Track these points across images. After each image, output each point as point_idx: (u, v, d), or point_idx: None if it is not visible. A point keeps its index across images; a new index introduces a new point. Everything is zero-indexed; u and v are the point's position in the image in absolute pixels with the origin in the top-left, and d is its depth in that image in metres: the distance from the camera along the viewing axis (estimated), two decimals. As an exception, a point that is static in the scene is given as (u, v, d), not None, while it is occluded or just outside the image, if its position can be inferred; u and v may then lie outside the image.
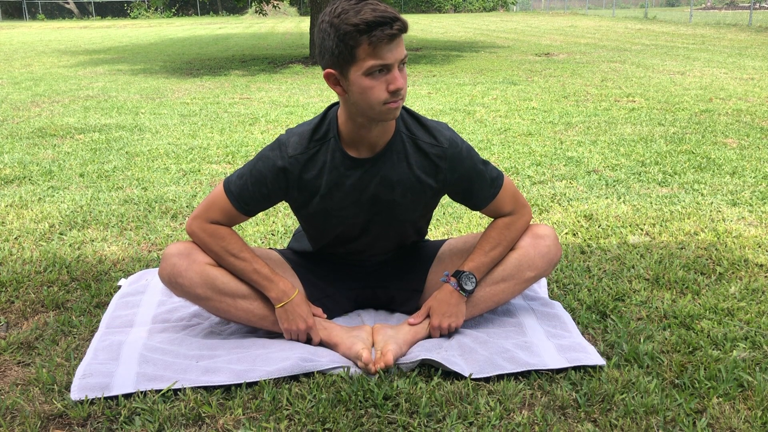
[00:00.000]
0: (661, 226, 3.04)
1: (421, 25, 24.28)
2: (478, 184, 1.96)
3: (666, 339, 2.02)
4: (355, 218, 1.97)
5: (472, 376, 1.82)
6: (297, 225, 2.99)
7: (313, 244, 2.13)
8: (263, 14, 14.16)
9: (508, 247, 2.03)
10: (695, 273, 2.52)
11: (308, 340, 1.99)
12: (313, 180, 1.89)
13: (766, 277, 2.49)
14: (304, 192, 1.92)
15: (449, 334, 2.03)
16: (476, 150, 2.11)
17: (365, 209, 1.95)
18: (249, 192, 1.90)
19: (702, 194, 3.49)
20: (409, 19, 31.94)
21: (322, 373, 1.85)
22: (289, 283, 1.97)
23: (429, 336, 2.02)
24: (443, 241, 2.20)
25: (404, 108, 1.94)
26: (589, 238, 2.90)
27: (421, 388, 1.78)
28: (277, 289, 1.94)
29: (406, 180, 1.91)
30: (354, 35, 1.65)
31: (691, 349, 1.96)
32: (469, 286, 1.98)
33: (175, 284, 1.95)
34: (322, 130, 1.89)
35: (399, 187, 1.92)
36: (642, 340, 2.01)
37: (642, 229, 3.01)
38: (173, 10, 42.05)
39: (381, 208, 1.95)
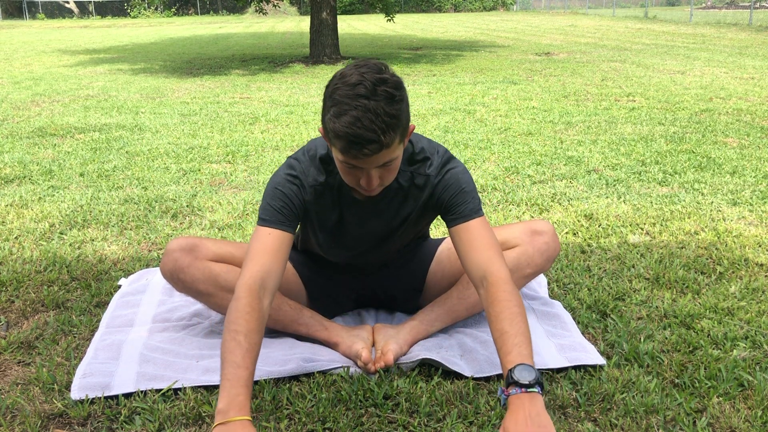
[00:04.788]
0: (662, 225, 3.04)
1: (421, 25, 24.27)
2: (460, 198, 1.83)
3: (666, 338, 2.02)
4: (356, 249, 1.99)
5: (473, 376, 1.82)
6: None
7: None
8: (263, 13, 14.13)
9: (520, 305, 1.65)
10: (695, 272, 2.52)
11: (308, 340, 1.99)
12: (320, 212, 1.88)
13: (766, 276, 2.49)
14: (310, 222, 1.91)
15: (449, 334, 2.03)
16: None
17: (366, 240, 1.97)
18: (280, 205, 1.77)
19: (702, 194, 3.49)
20: (409, 18, 31.59)
21: (322, 372, 1.85)
22: (246, 405, 1.48)
23: (429, 336, 2.02)
24: (442, 239, 2.20)
25: None
26: (590, 238, 2.90)
27: (421, 387, 1.78)
28: (224, 400, 1.48)
29: (404, 213, 1.91)
30: (330, 130, 1.58)
31: (691, 349, 1.96)
32: (527, 376, 1.49)
33: (176, 280, 1.95)
34: (330, 165, 1.83)
35: (398, 219, 1.92)
36: (642, 340, 2.01)
37: (642, 229, 3.01)
38: (173, 10, 42.04)
39: (382, 239, 1.97)
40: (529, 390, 1.46)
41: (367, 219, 1.90)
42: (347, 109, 1.54)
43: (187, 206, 3.39)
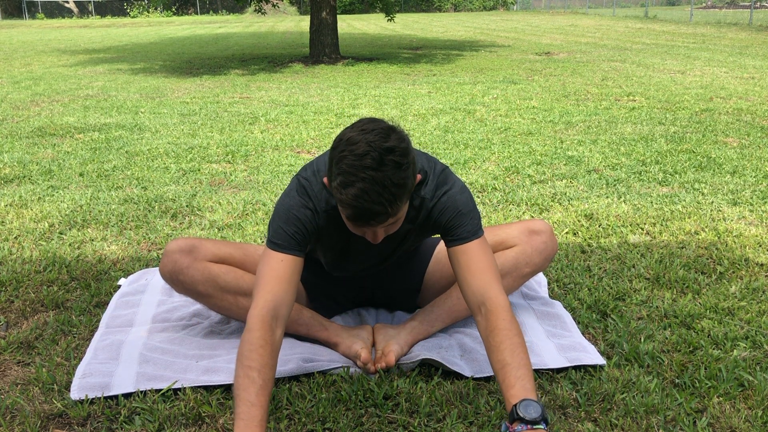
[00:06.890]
0: (662, 225, 3.04)
1: (421, 25, 24.27)
2: (457, 221, 1.79)
3: (666, 338, 2.02)
4: (359, 267, 2.01)
5: (473, 376, 1.82)
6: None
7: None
8: (263, 13, 14.11)
9: (520, 334, 1.61)
10: (696, 272, 2.52)
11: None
12: (329, 236, 1.86)
13: (766, 276, 2.48)
14: (320, 244, 1.91)
15: (449, 334, 2.03)
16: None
17: (369, 260, 1.98)
18: (293, 231, 1.73)
19: (702, 193, 3.49)
20: (409, 18, 31.51)
21: (322, 372, 1.85)
22: None
23: (430, 336, 2.02)
24: (440, 239, 2.20)
25: None
26: (590, 238, 2.90)
27: (421, 387, 1.78)
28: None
29: (403, 231, 1.90)
30: (338, 199, 1.56)
31: (691, 349, 1.96)
32: (533, 412, 1.43)
33: (176, 281, 1.94)
34: None
35: (397, 239, 1.91)
36: (642, 340, 2.01)
37: (642, 229, 3.01)
38: (173, 9, 42.02)
39: (384, 258, 1.98)
40: (535, 427, 1.42)
41: (371, 244, 1.89)
42: (354, 181, 1.50)
43: (186, 206, 3.39)
